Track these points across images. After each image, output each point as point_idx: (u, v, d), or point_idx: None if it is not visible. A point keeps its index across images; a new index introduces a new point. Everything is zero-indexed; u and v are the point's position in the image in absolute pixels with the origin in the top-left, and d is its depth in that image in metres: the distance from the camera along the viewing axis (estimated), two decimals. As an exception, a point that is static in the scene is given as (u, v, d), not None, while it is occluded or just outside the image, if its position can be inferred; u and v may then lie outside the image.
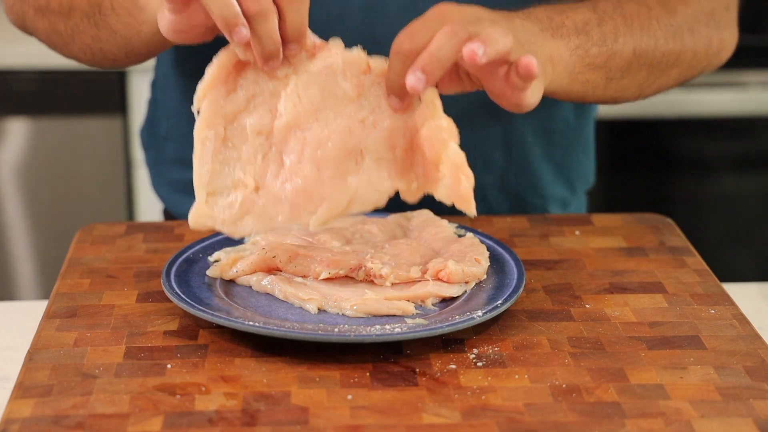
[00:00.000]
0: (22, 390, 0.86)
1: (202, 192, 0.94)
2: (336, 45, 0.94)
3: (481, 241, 1.06)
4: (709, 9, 1.18)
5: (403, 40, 0.91)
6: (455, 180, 0.92)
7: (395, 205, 1.24)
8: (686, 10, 1.15)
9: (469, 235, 1.09)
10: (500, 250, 1.07)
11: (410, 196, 0.95)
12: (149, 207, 2.37)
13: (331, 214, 0.94)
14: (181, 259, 1.04)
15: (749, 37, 2.47)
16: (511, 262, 1.04)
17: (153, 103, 1.37)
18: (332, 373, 0.89)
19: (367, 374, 0.89)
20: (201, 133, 0.94)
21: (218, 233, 1.09)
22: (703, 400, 0.86)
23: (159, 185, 1.36)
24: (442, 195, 0.93)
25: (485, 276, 1.01)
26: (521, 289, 0.99)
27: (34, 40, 2.31)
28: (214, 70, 0.94)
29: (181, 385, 0.87)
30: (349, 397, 0.86)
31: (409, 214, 1.12)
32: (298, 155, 0.94)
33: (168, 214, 1.43)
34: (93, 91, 2.31)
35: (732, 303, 1.02)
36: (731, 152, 2.46)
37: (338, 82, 0.94)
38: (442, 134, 0.92)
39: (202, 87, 0.94)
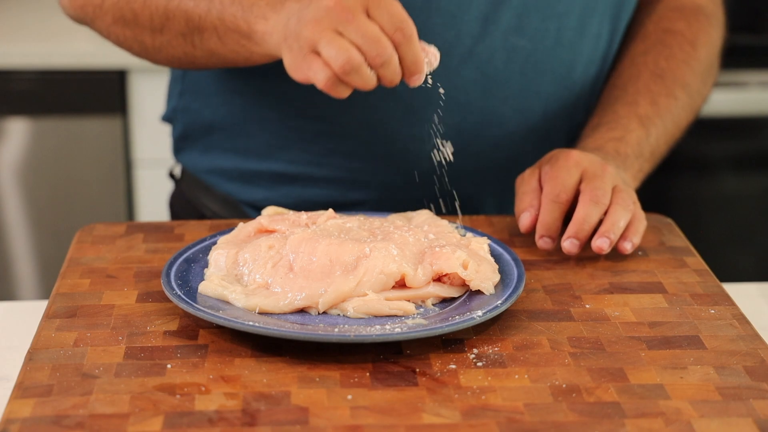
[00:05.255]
0: (22, 390, 0.86)
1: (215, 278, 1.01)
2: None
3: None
4: (717, 46, 1.36)
5: (559, 191, 1.11)
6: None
7: (395, 205, 1.25)
8: (701, 79, 1.33)
9: (469, 234, 1.09)
10: (500, 250, 1.07)
11: (416, 282, 0.99)
12: (149, 207, 2.37)
13: (338, 298, 0.97)
14: (181, 259, 1.04)
15: (749, 37, 2.47)
16: (511, 262, 1.04)
17: (188, 92, 1.36)
18: (332, 373, 0.89)
19: (367, 374, 0.89)
20: (212, 252, 1.05)
21: (218, 233, 1.09)
22: (703, 400, 0.86)
23: (204, 172, 1.37)
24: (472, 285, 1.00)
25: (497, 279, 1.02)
26: (521, 289, 0.99)
27: (34, 40, 2.29)
28: (236, 232, 1.07)
29: (181, 385, 0.87)
30: (349, 397, 0.86)
31: (409, 214, 1.12)
32: (308, 260, 0.99)
33: (175, 208, 1.44)
34: (93, 91, 2.31)
35: (732, 303, 1.02)
36: (731, 152, 2.46)
37: (352, 229, 1.05)
38: (456, 263, 1.00)
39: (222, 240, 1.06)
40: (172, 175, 1.46)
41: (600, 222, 1.10)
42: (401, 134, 1.24)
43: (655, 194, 2.35)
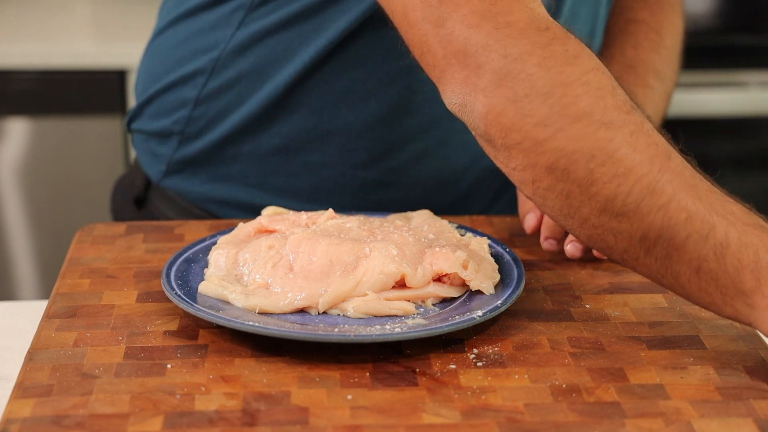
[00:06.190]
0: (22, 390, 0.86)
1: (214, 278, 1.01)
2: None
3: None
4: (681, 34, 1.34)
5: None
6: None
7: (394, 205, 1.25)
8: (670, 73, 1.31)
9: (469, 234, 1.09)
10: (500, 250, 1.07)
11: (416, 282, 0.98)
12: (149, 207, 2.37)
13: (338, 298, 0.96)
14: (181, 259, 1.04)
15: (749, 37, 2.47)
16: (511, 262, 1.04)
17: (205, 119, 1.27)
18: (332, 373, 0.89)
19: (367, 374, 0.89)
20: (212, 252, 1.04)
21: (218, 233, 1.09)
22: (703, 400, 0.86)
23: (210, 202, 1.30)
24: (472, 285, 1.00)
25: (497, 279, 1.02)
26: (521, 289, 0.99)
27: (34, 40, 2.27)
28: (236, 232, 1.06)
29: (181, 385, 0.87)
30: (349, 397, 0.86)
31: (409, 214, 1.12)
32: (308, 260, 0.98)
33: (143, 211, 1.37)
34: (93, 91, 2.31)
35: (732, 303, 1.02)
36: (731, 152, 2.46)
37: (352, 229, 1.04)
38: (457, 263, 0.99)
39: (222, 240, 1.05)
40: (137, 201, 1.36)
41: None
42: (466, 181, 1.23)
43: (655, 194, 2.35)
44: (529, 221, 1.13)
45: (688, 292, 0.91)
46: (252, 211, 1.25)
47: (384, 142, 1.21)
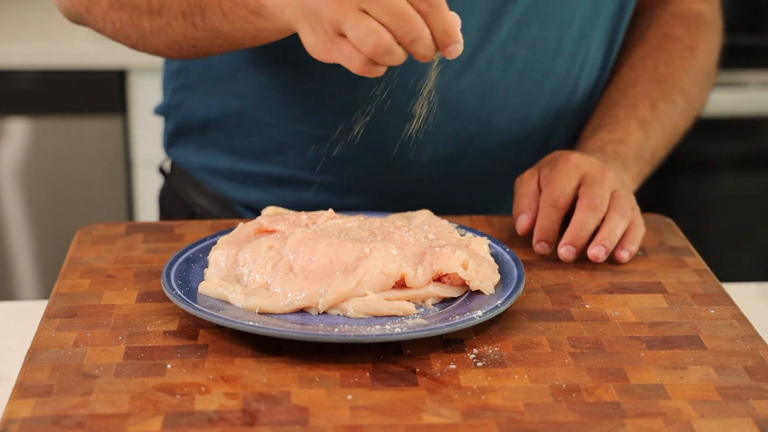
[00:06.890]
0: (22, 390, 0.86)
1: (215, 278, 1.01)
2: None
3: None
4: (715, 54, 1.36)
5: (558, 196, 1.10)
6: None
7: (390, 210, 1.25)
8: (702, 87, 1.34)
9: (469, 234, 1.09)
10: (500, 250, 1.07)
11: (416, 282, 0.98)
12: (149, 207, 2.37)
13: (338, 298, 0.96)
14: (181, 259, 1.04)
15: (749, 37, 2.47)
16: (511, 262, 1.04)
17: (183, 90, 1.34)
18: (332, 373, 0.89)
19: (367, 374, 0.89)
20: (212, 252, 1.04)
21: (219, 233, 1.09)
22: (703, 400, 0.86)
23: (196, 169, 1.36)
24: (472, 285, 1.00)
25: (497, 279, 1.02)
26: (521, 289, 0.99)
27: (34, 40, 2.28)
28: (237, 232, 1.07)
29: (181, 385, 0.87)
30: (349, 397, 0.86)
31: (409, 214, 1.13)
32: (308, 260, 0.98)
33: (164, 204, 1.44)
34: (93, 91, 2.31)
35: (732, 303, 1.02)
36: (731, 152, 2.46)
37: (352, 229, 1.04)
38: (457, 263, 0.99)
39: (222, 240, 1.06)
40: (162, 170, 1.46)
41: (597, 228, 1.10)
42: (399, 141, 1.24)
43: (655, 194, 2.35)
44: (522, 223, 1.13)
45: (230, 33, 1.06)
46: (224, 176, 1.32)
47: (316, 95, 1.24)
